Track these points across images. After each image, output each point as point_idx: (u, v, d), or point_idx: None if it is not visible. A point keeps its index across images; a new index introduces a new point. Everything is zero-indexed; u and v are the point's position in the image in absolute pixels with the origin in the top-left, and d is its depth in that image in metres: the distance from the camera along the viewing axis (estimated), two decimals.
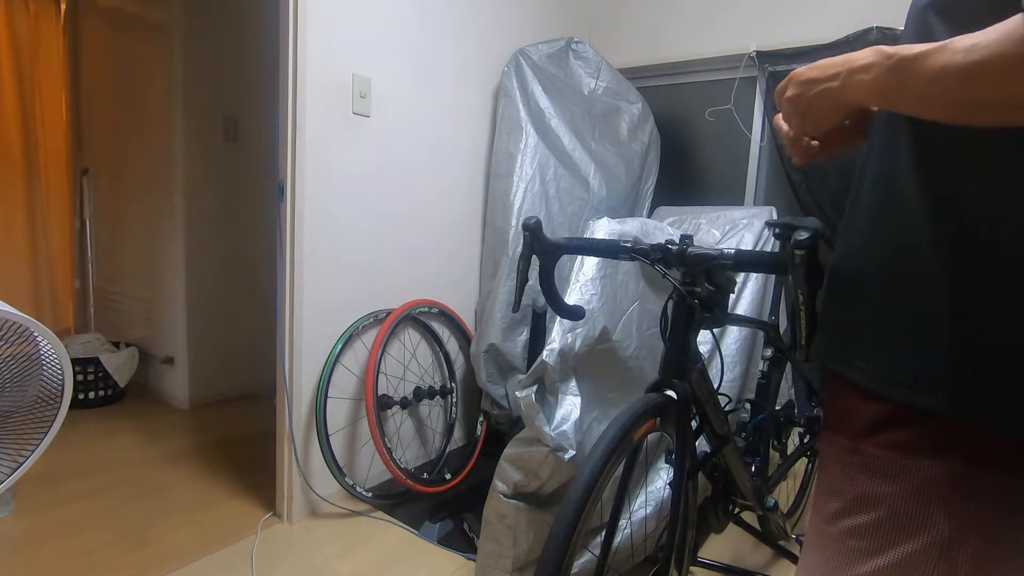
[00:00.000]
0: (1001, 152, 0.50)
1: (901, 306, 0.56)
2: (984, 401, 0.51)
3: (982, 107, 0.47)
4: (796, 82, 0.62)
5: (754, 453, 1.49)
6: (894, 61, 0.51)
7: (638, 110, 2.54)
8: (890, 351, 0.57)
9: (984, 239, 0.51)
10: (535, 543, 1.38)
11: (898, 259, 0.57)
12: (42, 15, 3.07)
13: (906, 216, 0.57)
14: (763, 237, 2.10)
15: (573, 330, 1.44)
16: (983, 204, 0.51)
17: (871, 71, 0.53)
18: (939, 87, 0.48)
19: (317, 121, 1.68)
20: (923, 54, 0.48)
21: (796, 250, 0.73)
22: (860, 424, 0.59)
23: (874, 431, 0.57)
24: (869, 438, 0.57)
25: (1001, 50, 0.44)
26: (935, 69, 0.47)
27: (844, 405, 0.61)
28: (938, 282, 0.54)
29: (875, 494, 0.56)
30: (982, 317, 0.51)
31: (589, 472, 0.81)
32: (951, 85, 0.47)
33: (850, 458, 0.59)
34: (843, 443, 0.60)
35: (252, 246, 2.82)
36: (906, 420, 0.55)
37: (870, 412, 0.58)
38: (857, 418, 0.59)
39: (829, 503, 0.61)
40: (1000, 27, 0.44)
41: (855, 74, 0.55)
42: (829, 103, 0.60)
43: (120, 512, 1.79)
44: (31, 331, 0.94)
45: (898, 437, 0.56)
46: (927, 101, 0.50)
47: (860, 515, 0.57)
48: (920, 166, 0.56)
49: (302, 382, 1.76)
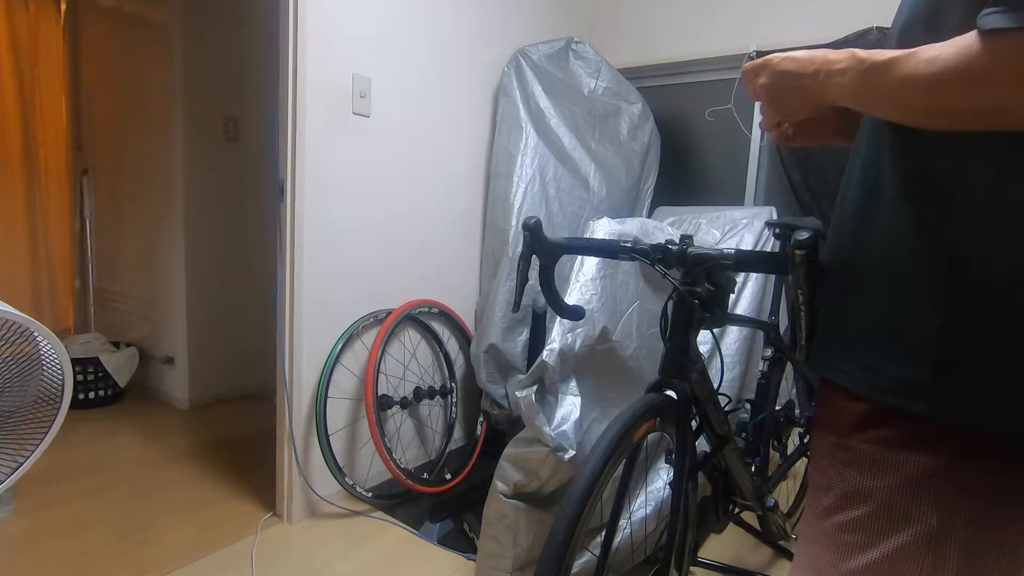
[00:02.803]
0: (984, 152, 0.51)
1: (883, 308, 0.57)
2: (967, 404, 0.52)
3: (944, 114, 0.48)
4: (772, 71, 0.63)
5: (754, 453, 1.49)
6: (866, 66, 0.52)
7: (638, 110, 2.54)
8: (873, 354, 0.57)
9: (966, 241, 0.52)
10: (535, 543, 1.38)
11: (880, 261, 0.58)
12: (42, 15, 3.07)
13: (889, 218, 0.57)
14: (763, 237, 2.10)
15: (573, 330, 1.44)
16: (966, 205, 0.52)
17: (846, 75, 0.54)
18: (904, 94, 0.50)
19: (317, 121, 1.68)
20: (891, 61, 0.50)
21: (796, 250, 0.73)
22: (847, 421, 0.59)
23: (861, 427, 0.58)
24: (857, 434, 0.58)
25: (957, 63, 0.45)
26: (900, 77, 0.49)
27: (832, 403, 0.62)
28: (919, 284, 0.54)
29: (864, 489, 0.57)
30: (963, 318, 0.52)
31: (589, 472, 0.81)
32: (915, 93, 0.49)
33: (839, 454, 0.60)
34: (832, 439, 0.61)
35: (252, 246, 2.82)
36: (892, 417, 0.56)
37: (857, 409, 0.58)
38: (844, 415, 0.60)
39: (821, 498, 0.62)
40: (959, 41, 0.46)
41: (832, 76, 0.56)
42: (805, 99, 0.61)
43: (120, 512, 1.79)
44: (31, 331, 0.94)
45: (885, 433, 0.56)
46: (894, 106, 0.52)
47: (851, 510, 0.58)
48: (903, 168, 0.56)
49: (302, 382, 1.76)
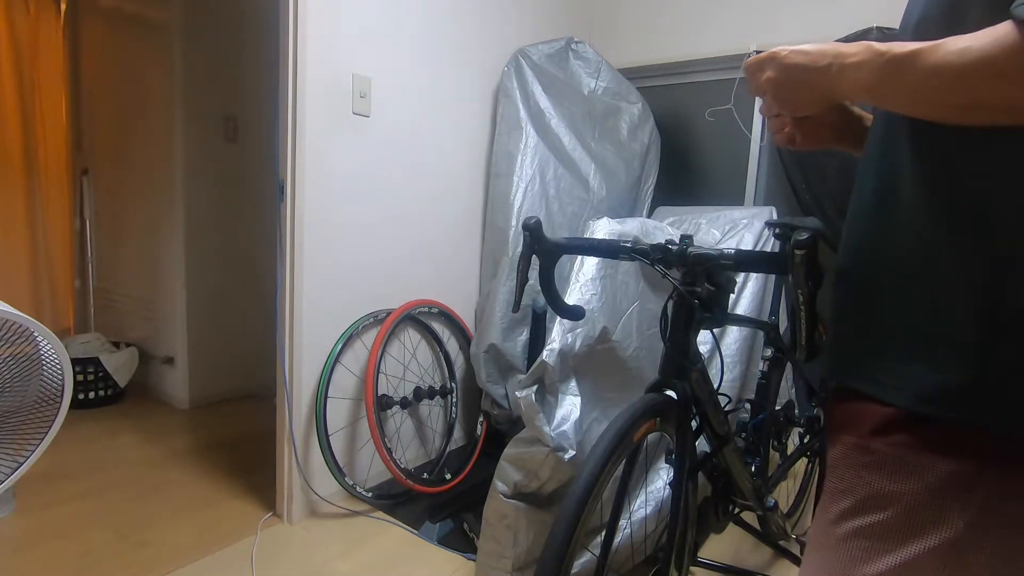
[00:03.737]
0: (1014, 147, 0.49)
1: (918, 315, 0.54)
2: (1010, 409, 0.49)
3: (973, 108, 0.47)
4: (779, 64, 0.60)
5: (754, 453, 1.49)
6: (886, 59, 0.50)
7: (638, 110, 2.54)
8: (908, 362, 0.54)
9: (1007, 242, 0.49)
10: (535, 543, 1.38)
11: (906, 265, 0.55)
12: (42, 15, 3.07)
13: (914, 220, 0.55)
14: (763, 237, 2.10)
15: (573, 330, 1.44)
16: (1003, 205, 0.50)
17: (863, 68, 0.52)
18: (930, 87, 0.48)
19: (317, 121, 1.68)
20: (915, 53, 0.48)
21: (796, 250, 0.73)
22: (870, 424, 0.57)
23: (886, 430, 0.55)
24: (880, 437, 0.56)
25: (991, 54, 0.44)
26: (927, 69, 0.47)
27: (854, 407, 0.59)
28: (958, 289, 0.51)
29: (887, 493, 0.54)
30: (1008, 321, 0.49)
31: (589, 472, 0.81)
32: (942, 85, 0.47)
33: (860, 457, 0.57)
34: (852, 442, 0.58)
35: (252, 246, 2.82)
36: (919, 420, 0.53)
37: (882, 413, 0.56)
38: (867, 418, 0.57)
39: (837, 503, 0.59)
40: (992, 31, 0.44)
41: (847, 70, 0.54)
42: (815, 94, 0.59)
43: (120, 512, 1.79)
44: (31, 331, 0.94)
45: (911, 436, 0.54)
46: (918, 100, 0.50)
47: (870, 514, 0.55)
48: (929, 169, 0.54)
49: (302, 382, 1.76)
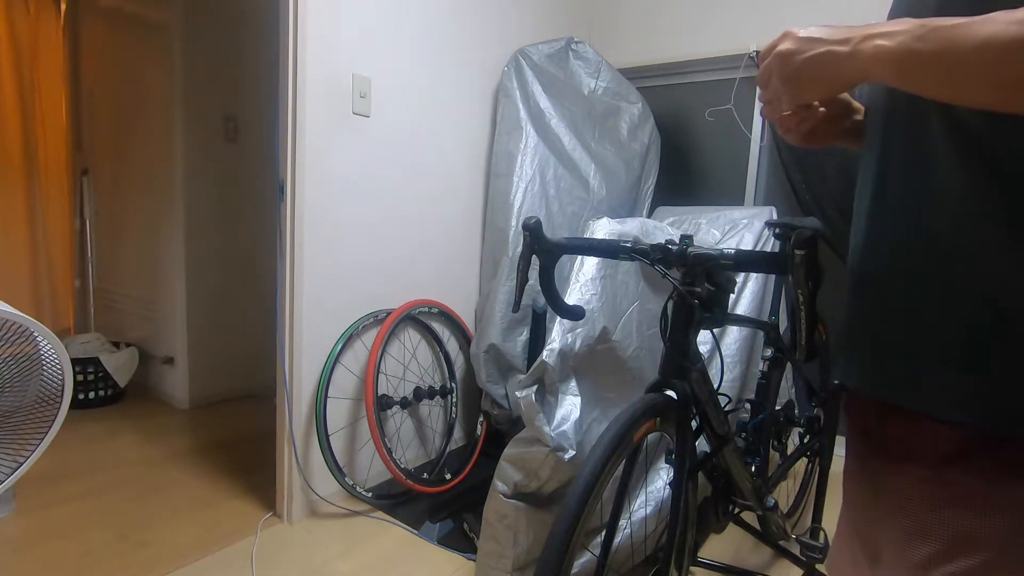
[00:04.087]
0: None
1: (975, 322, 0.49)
2: None
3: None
4: (793, 37, 0.55)
5: (754, 453, 1.49)
6: (927, 29, 0.45)
7: (638, 110, 2.54)
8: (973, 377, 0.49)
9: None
10: (535, 543, 1.38)
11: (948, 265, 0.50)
12: (42, 15, 3.07)
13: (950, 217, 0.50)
14: (763, 237, 2.10)
15: (573, 330, 1.44)
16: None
17: (895, 37, 0.47)
18: (979, 61, 0.42)
19: (317, 121, 1.68)
20: (964, 23, 0.43)
21: (796, 250, 0.73)
22: (940, 450, 0.50)
23: (960, 457, 0.48)
24: (955, 465, 0.48)
25: None
26: (979, 40, 0.42)
27: (907, 429, 0.52)
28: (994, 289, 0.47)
29: (977, 532, 0.47)
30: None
31: (589, 472, 0.81)
32: (996, 59, 0.42)
33: (936, 491, 0.50)
34: (920, 474, 0.51)
35: (252, 246, 2.82)
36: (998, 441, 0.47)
37: (951, 436, 0.49)
38: (932, 444, 0.50)
39: (917, 548, 0.51)
40: None
41: (873, 38, 0.48)
42: (828, 71, 0.53)
43: (120, 512, 1.79)
44: (31, 331, 0.94)
45: (993, 461, 0.47)
46: (955, 78, 0.45)
47: (963, 559, 0.48)
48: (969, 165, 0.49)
49: (302, 382, 1.76)
